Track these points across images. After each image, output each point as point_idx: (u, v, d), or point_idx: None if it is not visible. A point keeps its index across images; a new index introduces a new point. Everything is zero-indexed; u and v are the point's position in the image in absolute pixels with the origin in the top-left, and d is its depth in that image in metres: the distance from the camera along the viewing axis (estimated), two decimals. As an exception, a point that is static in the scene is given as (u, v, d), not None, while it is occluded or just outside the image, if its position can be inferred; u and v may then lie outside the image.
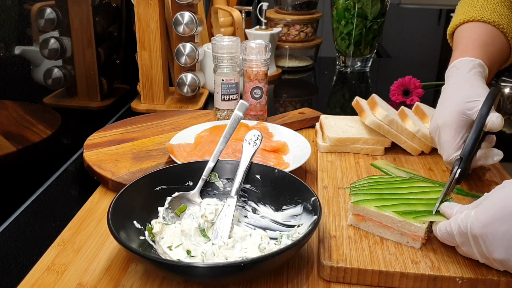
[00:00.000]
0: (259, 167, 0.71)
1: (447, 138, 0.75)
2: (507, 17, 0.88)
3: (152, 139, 0.94)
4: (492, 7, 0.88)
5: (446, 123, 0.75)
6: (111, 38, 1.20)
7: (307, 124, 1.05)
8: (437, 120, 0.77)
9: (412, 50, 2.03)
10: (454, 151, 0.74)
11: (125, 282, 0.59)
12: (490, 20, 0.87)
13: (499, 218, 0.53)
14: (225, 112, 0.99)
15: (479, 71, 0.80)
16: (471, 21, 0.89)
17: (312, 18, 1.53)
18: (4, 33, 0.79)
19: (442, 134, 0.75)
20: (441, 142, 0.76)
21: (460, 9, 0.94)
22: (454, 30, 0.92)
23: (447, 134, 0.75)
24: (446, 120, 0.75)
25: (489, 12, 0.88)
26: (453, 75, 0.81)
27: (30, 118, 0.87)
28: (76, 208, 0.75)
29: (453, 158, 0.74)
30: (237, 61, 0.97)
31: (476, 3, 0.90)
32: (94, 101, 1.08)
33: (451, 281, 0.57)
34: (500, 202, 0.54)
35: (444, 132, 0.75)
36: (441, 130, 0.75)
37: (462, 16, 0.90)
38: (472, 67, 0.80)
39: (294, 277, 0.60)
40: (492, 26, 0.87)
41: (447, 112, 0.75)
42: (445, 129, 0.75)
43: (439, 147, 0.78)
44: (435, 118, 0.78)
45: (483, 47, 0.84)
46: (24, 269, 0.61)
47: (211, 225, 0.66)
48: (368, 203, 0.64)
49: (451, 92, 0.78)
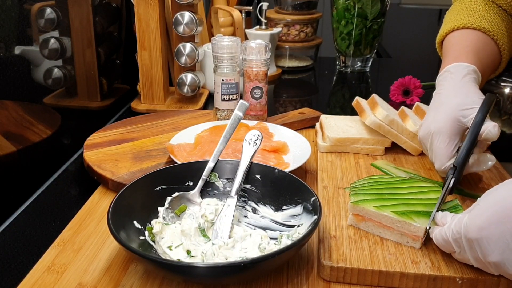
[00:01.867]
0: (259, 167, 0.71)
1: (441, 146, 0.72)
2: (497, 24, 0.87)
3: (152, 139, 0.94)
4: (481, 14, 0.87)
5: (440, 130, 0.73)
6: (111, 38, 1.20)
7: (307, 124, 1.05)
8: (430, 126, 0.74)
9: (412, 50, 2.03)
10: (448, 160, 0.72)
11: (125, 282, 0.59)
12: (480, 27, 0.85)
13: (495, 221, 0.52)
14: (225, 112, 0.99)
15: (474, 77, 0.78)
16: (461, 28, 0.87)
17: (312, 18, 1.53)
18: (4, 33, 0.79)
19: (435, 141, 0.73)
20: (433, 149, 0.74)
21: (448, 17, 0.92)
22: (443, 38, 0.91)
23: (440, 142, 0.73)
24: (440, 127, 0.73)
25: (479, 19, 0.86)
26: (446, 80, 0.79)
27: (30, 118, 0.87)
28: (76, 208, 0.75)
29: (446, 167, 0.72)
30: (237, 61, 0.97)
31: (465, 11, 0.89)
32: (94, 101, 1.08)
33: (451, 281, 0.57)
34: (495, 205, 0.53)
35: (437, 139, 0.73)
36: (433, 137, 0.73)
37: (451, 24, 0.89)
38: (467, 73, 0.78)
39: (294, 277, 0.60)
40: (482, 33, 0.86)
41: (440, 118, 0.73)
42: (439, 136, 0.73)
43: (430, 154, 0.76)
44: (426, 123, 0.76)
45: (475, 53, 0.82)
46: (24, 269, 0.61)
47: (211, 225, 0.66)
48: (368, 203, 0.64)
49: (444, 97, 0.76)
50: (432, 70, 1.71)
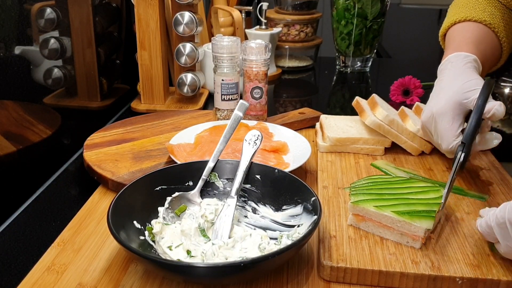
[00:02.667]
0: (259, 167, 0.71)
1: (445, 126, 0.73)
2: (497, 17, 0.88)
3: (152, 139, 0.94)
4: (482, 7, 0.89)
5: (443, 112, 0.74)
6: (111, 38, 1.20)
7: (307, 124, 1.05)
8: (432, 109, 0.75)
9: (412, 50, 2.03)
10: (454, 138, 0.73)
11: (125, 282, 0.59)
12: (481, 20, 0.87)
13: None
14: (225, 112, 0.99)
15: (474, 66, 0.80)
16: (463, 21, 0.89)
17: (312, 18, 1.53)
18: (4, 33, 0.79)
19: (439, 123, 0.74)
20: (438, 131, 0.75)
21: (451, 11, 0.95)
22: (446, 31, 0.93)
23: (444, 122, 0.74)
24: (443, 109, 0.74)
25: (481, 12, 0.88)
26: (447, 68, 0.81)
27: (30, 118, 0.87)
28: (76, 208, 0.75)
29: (453, 145, 0.73)
30: (237, 61, 0.97)
31: (467, 4, 0.91)
32: (94, 101, 1.08)
33: (451, 281, 0.57)
34: None
35: (440, 120, 0.74)
36: (437, 119, 0.74)
37: (453, 17, 0.91)
38: (468, 61, 0.80)
39: (294, 277, 0.60)
40: (484, 26, 0.88)
41: (442, 101, 0.75)
42: (442, 117, 0.74)
43: (436, 136, 0.76)
44: (428, 108, 0.77)
45: (476, 44, 0.84)
46: (24, 269, 0.61)
47: (211, 225, 0.66)
48: (368, 203, 0.64)
49: (445, 83, 0.78)
50: (432, 70, 1.71)
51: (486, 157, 0.87)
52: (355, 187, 0.69)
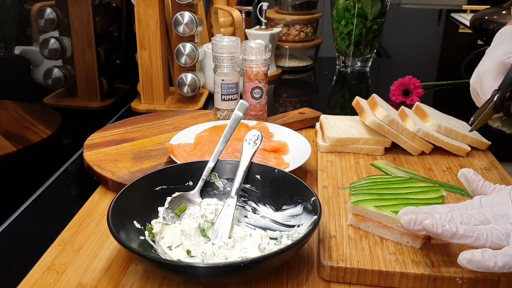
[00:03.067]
0: (259, 167, 0.71)
1: (489, 84, 0.77)
2: None
3: (152, 139, 0.94)
4: None
5: (487, 71, 0.78)
6: (111, 38, 1.20)
7: (307, 124, 1.05)
8: (479, 70, 0.80)
9: (412, 50, 2.02)
10: None
11: (125, 282, 0.59)
12: None
13: None
14: (225, 112, 0.99)
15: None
16: None
17: (312, 18, 1.53)
18: (4, 33, 0.79)
19: (484, 81, 0.78)
20: (483, 88, 0.78)
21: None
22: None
23: (488, 80, 0.77)
24: (487, 68, 0.78)
25: None
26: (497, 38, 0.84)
27: (30, 118, 0.87)
28: (76, 208, 0.75)
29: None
30: (237, 61, 0.97)
31: None
32: (94, 101, 1.08)
33: (451, 281, 0.57)
34: None
35: (485, 78, 0.78)
36: (482, 78, 0.78)
37: None
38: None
39: (294, 277, 0.60)
40: None
41: (488, 62, 0.79)
42: (486, 75, 0.77)
43: (481, 94, 0.80)
44: (476, 70, 0.81)
45: None
46: (24, 269, 0.61)
47: (211, 225, 0.66)
48: (368, 203, 0.64)
49: (492, 48, 0.81)
50: (432, 70, 1.72)
51: (486, 157, 0.87)
52: (355, 187, 0.69)
